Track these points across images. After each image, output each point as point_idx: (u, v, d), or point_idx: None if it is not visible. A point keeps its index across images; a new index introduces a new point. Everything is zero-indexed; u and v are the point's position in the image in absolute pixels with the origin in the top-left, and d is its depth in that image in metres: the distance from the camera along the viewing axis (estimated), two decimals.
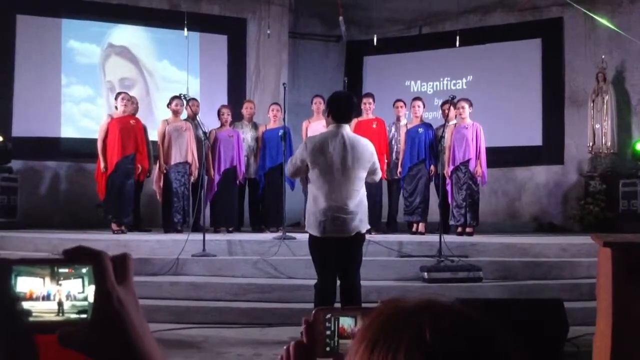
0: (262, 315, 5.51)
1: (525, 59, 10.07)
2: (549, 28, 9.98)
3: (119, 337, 0.68)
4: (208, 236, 6.58)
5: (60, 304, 0.70)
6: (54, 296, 0.70)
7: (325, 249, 4.53)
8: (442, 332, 0.63)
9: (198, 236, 6.49)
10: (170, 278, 5.99)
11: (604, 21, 8.62)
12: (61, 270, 0.70)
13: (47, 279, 0.70)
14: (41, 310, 0.70)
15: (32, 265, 0.71)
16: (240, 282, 6.02)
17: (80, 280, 0.71)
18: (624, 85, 9.29)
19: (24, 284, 0.70)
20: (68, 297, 0.70)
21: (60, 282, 0.70)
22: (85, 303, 0.70)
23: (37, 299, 0.70)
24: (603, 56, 9.14)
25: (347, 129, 4.60)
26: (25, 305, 0.70)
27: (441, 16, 10.58)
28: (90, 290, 0.70)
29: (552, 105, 9.87)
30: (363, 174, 4.52)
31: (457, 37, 9.66)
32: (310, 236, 4.56)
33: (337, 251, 4.50)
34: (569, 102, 9.73)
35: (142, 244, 6.80)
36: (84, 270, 0.70)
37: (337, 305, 4.71)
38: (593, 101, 9.17)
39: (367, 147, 4.55)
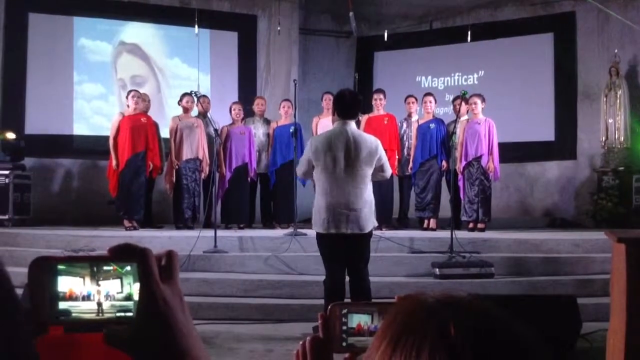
0: (273, 311, 5.53)
1: (537, 54, 9.99)
2: (561, 22, 9.90)
3: (163, 336, 0.67)
4: (219, 232, 6.61)
5: (99, 304, 0.70)
6: (93, 296, 0.70)
7: (331, 246, 4.56)
8: (466, 327, 0.62)
9: (209, 232, 6.51)
10: (182, 274, 5.85)
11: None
12: (103, 268, 0.71)
13: (87, 279, 0.70)
14: (81, 310, 0.70)
15: (75, 263, 0.71)
16: (251, 278, 6.03)
17: (118, 280, 0.70)
18: (637, 79, 9.21)
19: (64, 284, 0.70)
20: (107, 297, 0.70)
21: (99, 282, 0.70)
22: (125, 303, 0.70)
23: (76, 298, 0.70)
24: (616, 50, 9.06)
25: (352, 126, 4.62)
26: (65, 304, 0.70)
27: (452, 11, 10.52)
28: (135, 289, 0.70)
29: (565, 100, 9.79)
30: (368, 171, 4.53)
31: (469, 32, 9.62)
32: (317, 233, 4.61)
33: (343, 247, 4.52)
34: (581, 97, 9.65)
35: (154, 240, 6.83)
36: (123, 270, 0.70)
37: (347, 301, 4.71)
38: (606, 96, 9.09)
39: (372, 144, 4.55)
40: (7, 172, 8.03)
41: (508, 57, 10.11)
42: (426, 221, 7.95)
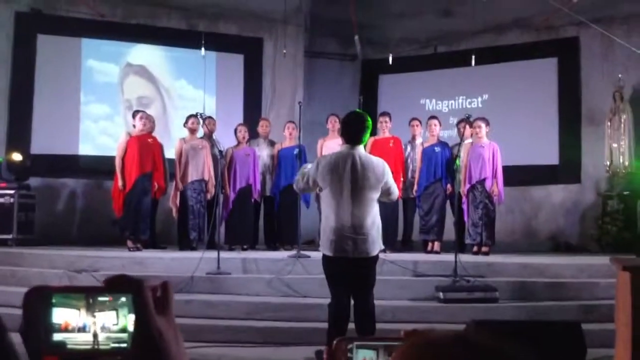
0: (276, 335, 5.49)
1: (541, 78, 10.04)
2: (565, 47, 9.95)
3: None
4: (223, 254, 6.59)
5: (95, 335, 0.71)
6: (89, 328, 0.70)
7: (337, 269, 4.53)
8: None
9: (213, 254, 6.50)
10: (184, 296, 5.99)
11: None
12: (99, 299, 0.71)
13: (83, 310, 0.71)
14: (76, 341, 0.70)
15: (70, 294, 0.71)
16: (254, 300, 6.00)
17: (114, 312, 0.71)
18: None
19: (59, 315, 0.70)
20: (103, 329, 0.71)
21: (95, 313, 0.71)
22: (120, 335, 0.71)
23: (72, 330, 0.70)
24: (620, 75, 9.09)
25: (360, 150, 4.59)
26: (60, 336, 0.70)
27: (456, 35, 10.60)
28: (130, 320, 0.70)
29: (569, 124, 9.81)
30: (375, 195, 4.52)
31: (473, 56, 9.66)
32: (323, 255, 4.58)
33: (349, 271, 4.50)
34: (585, 121, 9.66)
35: (158, 261, 6.82)
36: (119, 302, 0.71)
37: (352, 325, 4.68)
38: (610, 120, 9.10)
39: (379, 167, 4.54)
40: (12, 191, 8.06)
41: (512, 81, 10.16)
42: (430, 244, 7.93)
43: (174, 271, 6.48)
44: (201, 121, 7.61)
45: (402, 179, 7.82)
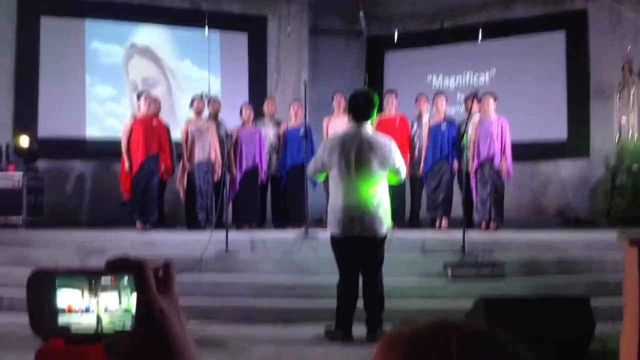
0: (285, 313, 5.52)
1: (550, 52, 9.92)
2: (573, 20, 9.81)
3: (161, 347, 0.68)
4: (231, 235, 6.61)
5: (98, 317, 0.71)
6: (92, 310, 0.71)
7: (345, 247, 4.56)
8: (468, 347, 0.62)
9: (221, 234, 6.52)
10: (194, 276, 6.03)
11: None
12: (101, 281, 0.71)
13: (86, 292, 0.71)
14: (80, 323, 0.71)
15: (72, 275, 0.71)
16: (263, 280, 6.04)
17: (117, 293, 0.71)
18: None
19: (63, 298, 0.71)
20: (106, 310, 0.71)
21: (98, 295, 0.71)
22: (124, 316, 0.71)
23: (76, 312, 0.71)
24: (629, 47, 8.97)
25: (367, 128, 4.60)
26: (64, 318, 0.71)
27: (463, 9, 10.47)
28: (132, 300, 0.70)
29: (577, 98, 9.71)
30: (382, 173, 4.52)
31: (480, 31, 9.56)
32: (331, 234, 4.61)
33: (356, 250, 4.52)
34: (594, 95, 9.56)
35: (167, 241, 6.86)
36: (121, 283, 0.71)
37: (360, 303, 4.71)
38: (619, 93, 9.01)
39: (386, 146, 4.53)
40: (20, 174, 8.10)
41: (520, 55, 10.05)
42: (438, 220, 7.92)
43: (183, 252, 6.52)
44: (206, 101, 7.58)
45: (408, 156, 7.78)
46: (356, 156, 4.47)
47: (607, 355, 4.15)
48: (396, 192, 7.28)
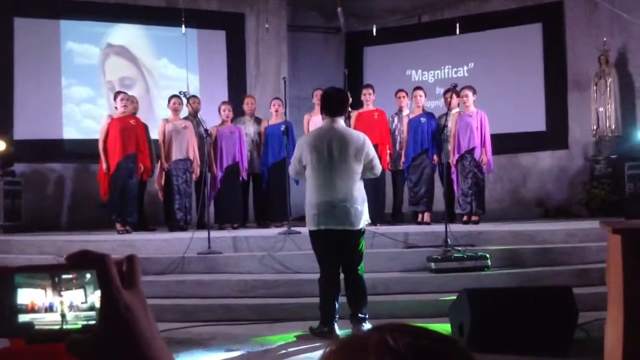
0: (269, 311, 5.50)
1: (527, 44, 9.99)
2: (549, 12, 9.89)
3: (127, 343, 0.66)
4: (213, 233, 6.57)
5: (63, 315, 0.68)
6: (56, 308, 0.68)
7: (323, 242, 4.60)
8: (403, 337, 0.64)
9: (203, 234, 6.48)
10: (176, 277, 5.98)
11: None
12: (64, 277, 0.68)
13: (49, 290, 0.68)
14: (44, 322, 0.68)
15: (34, 273, 0.68)
16: (246, 278, 6.00)
17: (82, 290, 0.69)
18: (627, 67, 9.21)
19: (25, 296, 0.68)
20: (71, 307, 0.69)
21: (62, 292, 0.69)
22: (89, 313, 0.69)
23: (39, 310, 0.68)
24: (605, 39, 9.05)
25: (340, 123, 4.68)
26: (27, 317, 0.68)
27: (440, 4, 10.50)
28: (96, 296, 0.68)
29: (555, 90, 9.80)
30: (356, 167, 4.56)
31: (457, 25, 9.59)
32: (309, 230, 4.65)
33: (334, 244, 4.56)
34: (571, 86, 9.65)
35: (148, 243, 6.79)
36: (86, 279, 0.68)
37: (342, 298, 4.70)
38: (596, 84, 9.10)
39: (359, 140, 4.59)
40: None
41: (497, 48, 10.11)
42: (420, 215, 7.94)
43: (165, 252, 6.46)
44: (185, 100, 7.51)
45: (388, 151, 7.80)
46: (330, 151, 4.52)
47: (590, 343, 4.19)
48: (378, 186, 7.31)
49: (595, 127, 9.08)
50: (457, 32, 9.59)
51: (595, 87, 9.10)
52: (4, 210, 7.94)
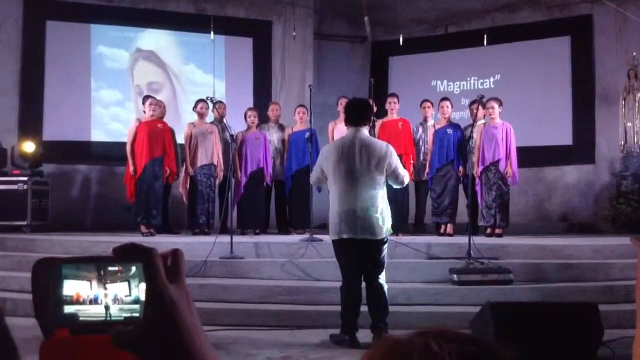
0: (290, 318, 5.51)
1: (554, 57, 9.90)
2: (578, 25, 9.79)
3: (171, 337, 0.67)
4: (235, 238, 6.60)
5: (107, 307, 0.69)
6: (101, 300, 0.69)
7: (345, 251, 4.61)
8: (448, 344, 0.63)
9: (225, 238, 6.51)
10: (198, 280, 6.01)
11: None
12: (110, 270, 0.69)
13: (94, 282, 0.69)
14: (88, 314, 0.70)
15: (80, 265, 0.70)
16: (267, 284, 6.02)
17: (126, 283, 0.70)
18: None
19: (70, 287, 0.69)
20: (115, 300, 0.70)
21: (107, 285, 0.70)
22: (133, 306, 0.70)
23: (84, 302, 0.69)
24: (635, 53, 8.94)
25: (364, 132, 4.68)
26: (72, 308, 0.69)
27: (467, 15, 10.47)
28: (141, 289, 0.69)
29: (583, 104, 9.68)
30: (379, 177, 4.55)
31: (484, 36, 9.54)
32: (332, 238, 4.67)
33: (356, 253, 4.56)
34: (599, 100, 9.53)
35: (171, 246, 6.73)
36: (131, 272, 0.69)
37: (364, 307, 4.69)
38: (624, 99, 8.98)
39: (382, 150, 4.58)
40: (25, 178, 8.10)
41: (525, 60, 10.03)
42: (443, 226, 7.89)
43: (187, 256, 6.41)
44: (211, 105, 7.57)
45: (412, 161, 7.77)
46: (353, 160, 4.52)
47: None
48: (401, 197, 7.28)
49: (622, 142, 8.96)
50: (484, 43, 9.54)
51: (623, 102, 8.98)
52: (31, 210, 8.06)
